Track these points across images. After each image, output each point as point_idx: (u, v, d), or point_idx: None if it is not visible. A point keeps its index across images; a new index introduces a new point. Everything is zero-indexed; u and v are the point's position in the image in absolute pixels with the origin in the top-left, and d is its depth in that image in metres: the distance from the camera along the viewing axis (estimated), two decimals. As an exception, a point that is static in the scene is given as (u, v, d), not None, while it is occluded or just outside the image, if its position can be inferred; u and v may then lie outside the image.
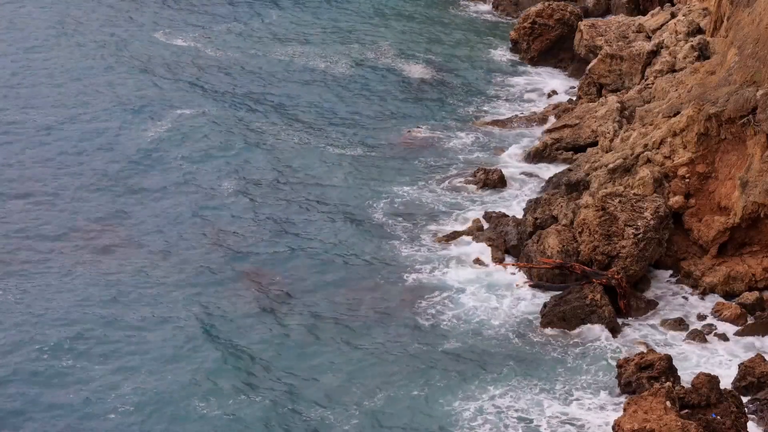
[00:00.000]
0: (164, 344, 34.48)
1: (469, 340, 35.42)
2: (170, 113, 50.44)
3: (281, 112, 51.34)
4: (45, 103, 51.28)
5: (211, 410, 31.66)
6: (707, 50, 46.64)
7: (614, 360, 34.08)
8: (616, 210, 38.08)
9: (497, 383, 33.28)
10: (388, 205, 43.20)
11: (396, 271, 38.91)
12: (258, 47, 59.40)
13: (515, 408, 32.29)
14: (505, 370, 33.94)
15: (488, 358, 34.46)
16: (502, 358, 34.51)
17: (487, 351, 34.84)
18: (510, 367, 34.04)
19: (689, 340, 35.62)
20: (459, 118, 51.53)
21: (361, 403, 32.27)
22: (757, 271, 37.69)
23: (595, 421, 31.77)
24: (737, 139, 38.73)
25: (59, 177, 44.48)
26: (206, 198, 43.25)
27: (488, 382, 33.32)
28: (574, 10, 59.31)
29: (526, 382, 33.40)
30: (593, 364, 34.48)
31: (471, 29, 63.48)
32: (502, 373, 33.79)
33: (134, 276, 38.00)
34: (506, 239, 40.32)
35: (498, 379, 33.45)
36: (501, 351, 34.92)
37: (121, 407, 31.61)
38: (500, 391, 32.92)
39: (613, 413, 31.59)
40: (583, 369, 34.22)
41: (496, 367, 34.03)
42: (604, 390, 33.19)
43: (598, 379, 33.75)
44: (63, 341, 34.24)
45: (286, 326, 35.73)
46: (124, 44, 59.04)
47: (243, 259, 39.31)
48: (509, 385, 33.21)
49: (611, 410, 32.04)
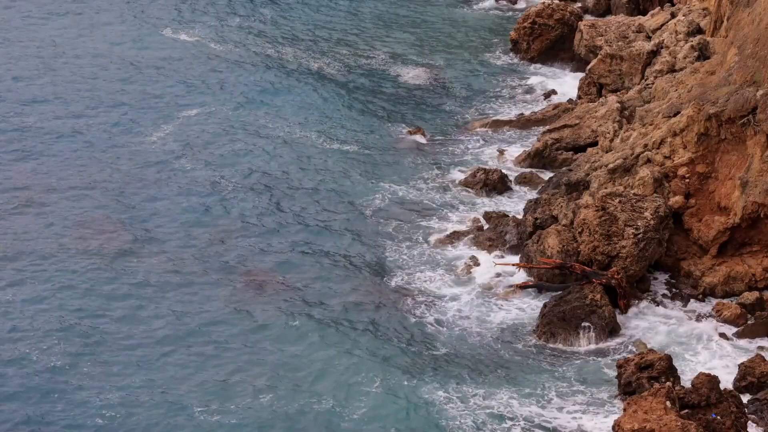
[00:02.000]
0: (162, 344, 34.49)
1: (465, 340, 35.41)
2: (173, 112, 50.53)
3: (282, 113, 51.33)
4: (49, 102, 51.30)
5: (204, 410, 31.60)
6: (707, 50, 46.64)
7: (614, 360, 34.09)
8: (616, 210, 38.07)
9: (492, 385, 33.22)
10: (387, 205, 43.20)
11: (394, 271, 38.91)
12: (258, 47, 59.41)
13: (515, 408, 32.29)
14: (501, 371, 33.90)
15: (483, 360, 34.39)
16: (498, 360, 34.48)
17: (483, 352, 34.80)
18: (508, 369, 34.04)
19: (689, 340, 35.61)
20: (459, 119, 51.53)
21: (347, 403, 32.14)
22: (757, 271, 37.69)
23: (594, 421, 31.76)
24: (737, 139, 38.72)
25: (63, 176, 44.49)
26: (205, 197, 43.26)
27: (483, 384, 33.25)
28: (574, 10, 59.36)
29: (526, 382, 33.40)
30: (593, 364, 34.50)
31: (472, 29, 63.50)
32: (499, 374, 33.76)
33: (133, 276, 38.01)
34: (506, 239, 40.34)
35: (493, 381, 33.38)
36: (498, 352, 34.91)
37: (117, 407, 31.58)
38: (498, 392, 32.89)
39: (613, 413, 31.60)
40: (583, 369, 34.23)
41: (492, 369, 33.98)
42: (604, 390, 33.19)
43: (598, 379, 33.76)
44: (61, 341, 34.24)
45: (278, 325, 35.68)
46: (131, 42, 59.13)
47: (242, 259, 39.30)
48: (509, 386, 33.19)
49: (611, 410, 32.04)
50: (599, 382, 33.66)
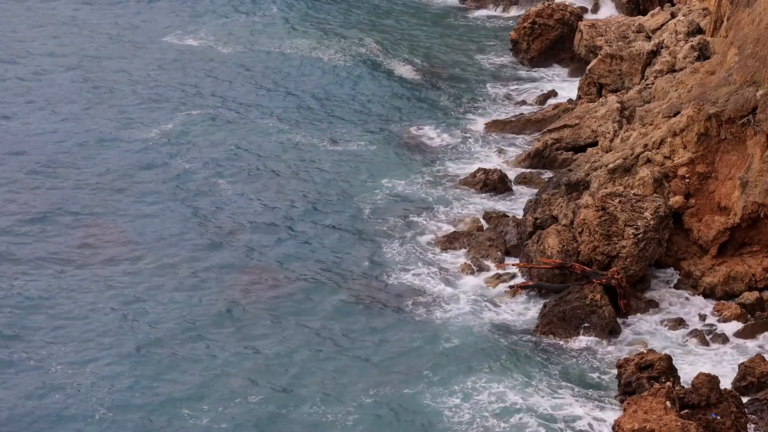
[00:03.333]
0: (160, 343, 34.46)
1: (464, 341, 35.24)
2: (172, 113, 50.51)
3: (281, 112, 51.34)
4: (50, 103, 51.29)
5: (193, 412, 31.53)
6: (707, 50, 46.62)
7: (614, 360, 34.08)
8: (616, 210, 38.06)
9: (491, 385, 33.08)
10: (385, 204, 43.19)
11: (393, 271, 38.86)
12: (258, 47, 59.44)
13: (515, 408, 32.28)
14: (500, 372, 33.74)
15: (482, 361, 34.08)
16: (497, 360, 34.30)
17: (482, 353, 34.56)
18: (507, 369, 33.94)
19: (689, 340, 35.63)
20: (458, 119, 51.52)
21: (340, 405, 32.06)
22: (757, 271, 37.68)
23: (594, 421, 31.75)
24: (737, 139, 38.72)
25: (62, 176, 44.46)
26: (204, 196, 43.26)
27: (482, 384, 33.07)
28: (574, 10, 59.37)
29: (525, 382, 33.33)
30: (593, 364, 34.49)
31: (472, 29, 63.53)
32: (497, 374, 33.59)
33: (132, 275, 38.00)
34: (506, 239, 40.33)
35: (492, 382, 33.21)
36: (497, 352, 34.77)
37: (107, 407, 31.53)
38: (496, 393, 32.79)
39: (613, 413, 31.59)
40: (583, 369, 34.22)
41: (490, 369, 33.76)
42: (604, 390, 33.18)
43: (597, 379, 33.75)
44: (58, 339, 34.26)
45: (270, 325, 35.59)
46: (130, 43, 59.15)
47: (237, 258, 39.21)
48: (507, 386, 33.12)
49: (611, 410, 32.03)
50: (599, 382, 33.65)
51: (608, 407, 32.31)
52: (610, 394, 32.96)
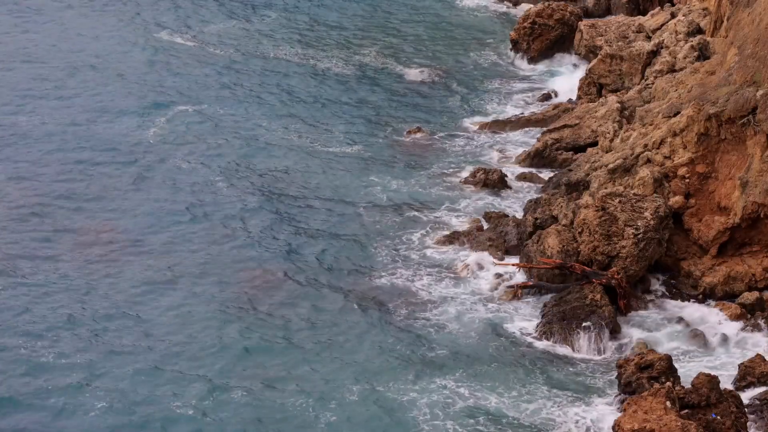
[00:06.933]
0: (157, 342, 34.47)
1: (463, 341, 35.27)
2: (169, 111, 50.49)
3: (280, 112, 51.35)
4: (45, 102, 51.23)
5: (190, 408, 31.55)
6: (707, 50, 46.64)
7: (614, 360, 34.08)
8: (616, 210, 38.06)
9: (491, 385, 33.11)
10: (385, 204, 43.17)
11: (392, 271, 38.85)
12: (257, 47, 59.44)
13: (514, 408, 32.28)
14: (500, 372, 33.78)
15: (481, 361, 34.13)
16: (497, 360, 34.33)
17: (481, 353, 34.61)
18: (507, 369, 33.96)
19: (689, 340, 35.62)
20: (458, 119, 51.51)
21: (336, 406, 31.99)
22: (757, 271, 37.68)
23: (594, 421, 31.74)
24: (737, 139, 38.72)
25: (58, 175, 44.43)
26: (203, 196, 43.26)
27: (481, 385, 33.11)
28: (574, 10, 59.37)
29: (525, 382, 33.37)
30: (592, 364, 34.48)
31: (471, 28, 63.49)
32: (497, 375, 33.64)
33: (128, 274, 37.97)
34: (506, 239, 40.32)
35: (492, 382, 33.24)
36: (496, 352, 34.81)
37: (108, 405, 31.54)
38: (496, 393, 32.81)
39: (613, 413, 31.59)
40: (583, 369, 34.22)
41: (490, 370, 33.82)
42: (604, 390, 33.18)
43: (597, 379, 33.75)
44: (57, 338, 34.26)
45: (266, 326, 35.56)
46: (125, 42, 59.13)
47: (234, 259, 39.20)
48: (507, 386, 33.15)
49: (611, 410, 32.03)
50: (599, 382, 33.65)
51: (608, 407, 32.30)
52: (610, 394, 32.95)
